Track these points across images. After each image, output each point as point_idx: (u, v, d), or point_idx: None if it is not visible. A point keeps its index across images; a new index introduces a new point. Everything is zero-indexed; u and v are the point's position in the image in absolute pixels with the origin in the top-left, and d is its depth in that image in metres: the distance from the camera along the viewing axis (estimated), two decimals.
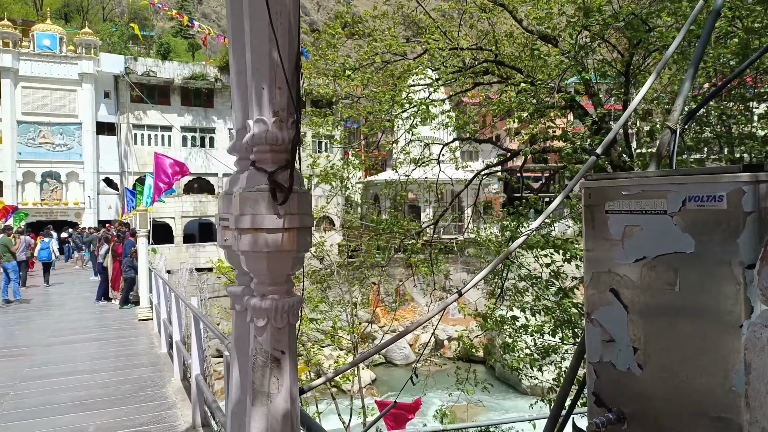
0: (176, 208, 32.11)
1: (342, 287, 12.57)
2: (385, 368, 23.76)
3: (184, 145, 34.71)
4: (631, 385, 1.44)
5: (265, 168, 1.69)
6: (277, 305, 1.70)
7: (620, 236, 1.45)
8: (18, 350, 8.20)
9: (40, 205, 30.80)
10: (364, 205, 32.63)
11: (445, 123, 11.20)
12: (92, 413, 5.34)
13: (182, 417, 5.19)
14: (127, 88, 33.16)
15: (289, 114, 1.71)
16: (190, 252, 30.33)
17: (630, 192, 1.42)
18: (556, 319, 7.85)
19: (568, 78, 10.30)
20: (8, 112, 29.95)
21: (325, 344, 11.50)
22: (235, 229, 1.71)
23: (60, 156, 31.46)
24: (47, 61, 31.30)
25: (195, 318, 5.10)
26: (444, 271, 11.86)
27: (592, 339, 1.55)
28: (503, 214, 13.07)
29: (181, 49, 56.74)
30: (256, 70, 1.69)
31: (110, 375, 6.74)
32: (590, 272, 1.55)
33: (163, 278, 8.53)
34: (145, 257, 10.85)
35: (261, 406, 1.72)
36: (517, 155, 11.34)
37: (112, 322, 10.48)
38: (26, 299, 13.26)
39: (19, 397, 5.88)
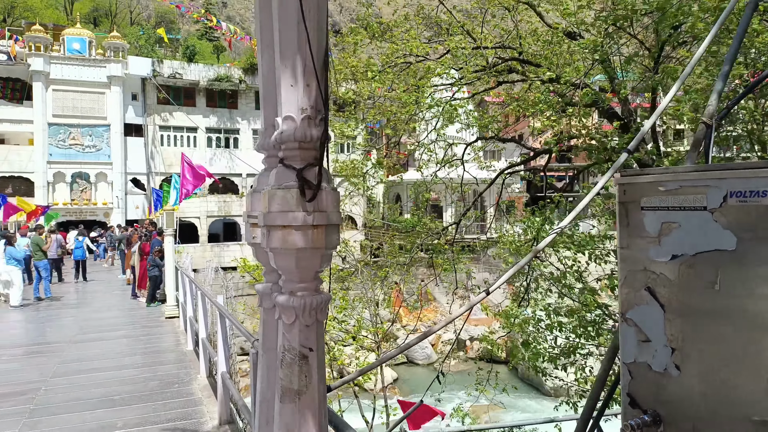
0: (201, 207, 32.56)
1: (365, 286, 12.59)
2: (407, 367, 23.72)
3: (209, 145, 35.19)
4: (667, 386, 1.40)
5: (294, 165, 1.69)
6: (306, 303, 1.70)
7: (657, 233, 1.41)
8: (49, 346, 8.39)
9: (70, 205, 31.52)
10: (386, 205, 32.65)
11: (468, 122, 11.13)
12: (120, 409, 5.43)
13: (208, 414, 5.25)
14: (153, 90, 33.75)
15: (317, 111, 1.71)
16: (215, 251, 30.71)
17: (667, 188, 1.38)
18: (580, 320, 7.74)
19: (593, 75, 10.15)
20: (40, 114, 30.71)
21: (347, 343, 11.52)
22: (264, 226, 1.72)
23: (89, 157, 32.16)
24: (77, 65, 32.02)
25: (221, 316, 5.16)
26: (466, 270, 11.76)
27: (626, 339, 1.52)
28: (527, 214, 12.95)
29: (207, 51, 57.53)
30: (285, 67, 1.69)
31: (138, 372, 6.86)
32: (625, 271, 1.52)
33: (189, 276, 8.64)
34: (171, 256, 11.01)
35: (289, 403, 1.72)
36: (541, 154, 11.21)
37: (139, 320, 10.67)
38: (57, 297, 13.58)
39: (50, 393, 6.02)
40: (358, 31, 10.24)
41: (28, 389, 6.10)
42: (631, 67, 9.11)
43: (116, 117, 32.60)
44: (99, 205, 32.27)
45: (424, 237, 12.04)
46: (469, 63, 9.44)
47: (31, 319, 11.06)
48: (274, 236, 1.68)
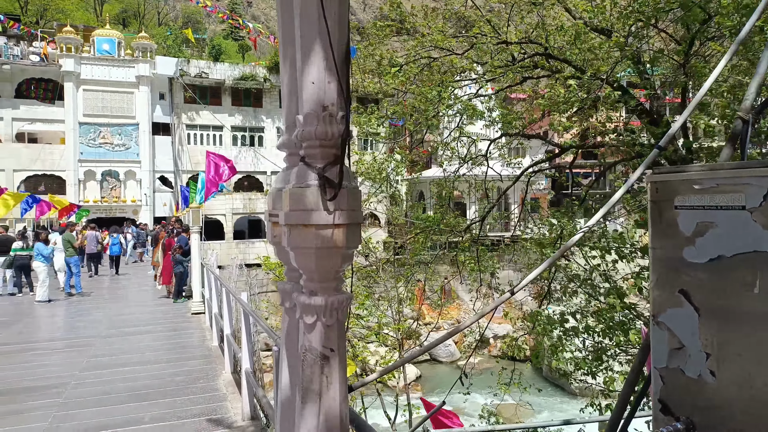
0: (227, 205, 32.96)
1: (387, 284, 12.58)
2: (430, 365, 23.66)
3: (234, 144, 35.59)
4: (701, 392, 1.35)
5: (315, 164, 1.67)
6: (327, 302, 1.68)
7: (691, 233, 1.35)
8: (79, 341, 8.58)
9: (101, 202, 32.25)
10: (408, 203, 32.57)
11: (491, 119, 11.01)
12: (147, 403, 5.52)
13: (233, 409, 5.29)
14: (180, 90, 34.27)
15: (338, 108, 1.68)
16: (240, 248, 31.07)
17: (703, 186, 1.32)
18: (608, 322, 7.58)
19: (621, 70, 9.93)
20: (71, 114, 31.46)
21: (370, 341, 11.53)
22: (285, 225, 1.70)
23: (119, 155, 32.84)
24: (106, 65, 32.70)
25: (245, 313, 5.19)
26: (490, 268, 11.65)
27: (658, 343, 1.46)
28: (551, 213, 12.75)
29: (232, 50, 58.19)
30: (306, 64, 1.67)
31: (164, 367, 6.96)
32: (657, 272, 1.46)
33: (214, 273, 8.74)
34: (197, 252, 11.16)
35: (310, 404, 1.70)
36: (566, 151, 11.03)
37: (166, 316, 10.84)
38: (87, 292, 13.89)
39: (80, 386, 6.15)
40: (383, 24, 10.20)
41: (59, 383, 6.24)
42: (660, 61, 8.90)
43: (144, 116, 33.21)
44: (128, 202, 32.94)
45: (448, 235, 11.97)
46: (494, 58, 9.33)
47: (62, 314, 11.33)
48: (295, 235, 1.66)
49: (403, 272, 13.12)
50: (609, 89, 8.09)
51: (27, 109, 31.10)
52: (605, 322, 7.52)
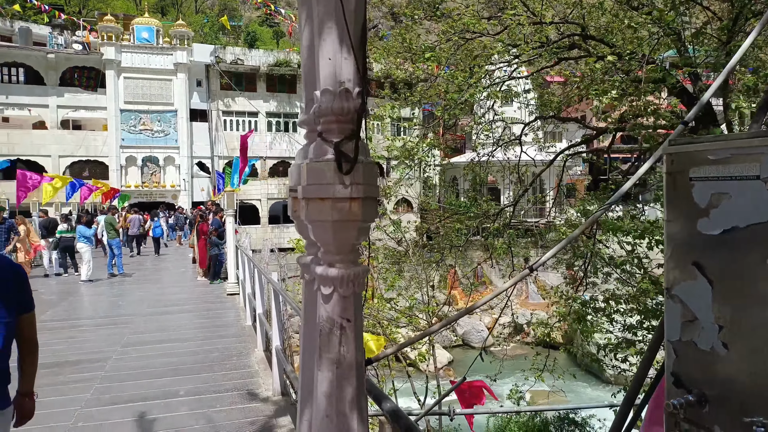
0: (262, 190, 33.51)
1: (418, 268, 12.61)
2: (463, 350, 23.68)
3: (269, 130, 36.02)
4: (714, 365, 1.34)
5: (331, 138, 1.71)
6: (343, 274, 1.72)
7: (706, 205, 1.33)
8: (120, 319, 8.94)
9: (141, 187, 33.20)
10: (442, 188, 32.39)
11: (526, 101, 10.82)
12: (183, 378, 5.74)
13: (264, 385, 5.45)
14: (217, 77, 34.80)
15: (355, 84, 1.71)
16: (275, 232, 31.59)
17: (717, 156, 1.30)
18: (641, 308, 7.45)
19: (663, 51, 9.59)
20: (112, 101, 32.37)
21: (401, 324, 11.62)
22: (303, 198, 1.75)
23: (158, 142, 33.68)
24: (146, 53, 33.44)
25: (275, 293, 5.32)
26: (523, 254, 11.55)
27: (671, 316, 1.45)
28: (587, 197, 12.49)
29: (267, 37, 58.61)
30: (323, 40, 1.70)
31: (200, 344, 7.20)
32: (671, 245, 1.44)
33: (247, 255, 8.94)
34: (232, 235, 11.42)
35: (327, 372, 1.76)
36: (604, 134, 10.76)
37: (203, 296, 11.17)
38: (128, 273, 14.40)
39: (121, 361, 6.42)
40: (416, 6, 10.11)
41: (101, 357, 6.54)
42: (703, 40, 8.56)
43: (182, 103, 33.90)
44: (167, 187, 33.81)
45: (480, 219, 11.89)
46: (528, 40, 9.14)
47: (105, 294, 11.80)
48: (312, 209, 1.71)
49: (434, 257, 13.13)
50: (649, 68, 7.85)
51: (71, 96, 32.13)
52: (639, 308, 7.39)
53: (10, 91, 30.92)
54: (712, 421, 1.33)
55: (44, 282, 13.41)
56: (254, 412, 4.81)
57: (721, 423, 1.31)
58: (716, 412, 1.33)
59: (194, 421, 4.61)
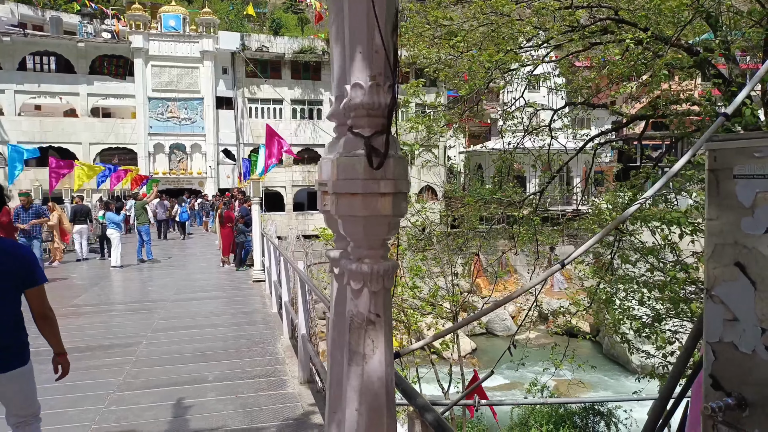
0: (287, 177, 33.76)
1: (442, 256, 12.58)
2: (486, 338, 23.64)
3: (293, 117, 36.15)
4: (755, 368, 1.30)
5: (362, 133, 1.69)
6: (373, 269, 1.72)
7: (750, 204, 1.29)
8: (150, 304, 9.14)
9: (169, 174, 33.73)
10: (466, 176, 32.15)
11: (555, 87, 10.61)
12: (211, 363, 5.85)
13: (290, 372, 5.53)
14: (242, 64, 34.98)
15: (385, 78, 1.69)
16: (299, 219, 31.84)
17: (763, 153, 1.25)
18: (672, 296, 7.31)
19: (698, 34, 9.28)
20: (141, 89, 32.84)
21: (425, 312, 11.64)
22: (333, 193, 1.74)
23: (185, 129, 34.11)
24: (173, 41, 33.77)
25: (301, 281, 5.37)
26: (549, 242, 11.41)
27: (711, 317, 1.41)
28: (617, 186, 12.25)
29: (291, 24, 58.59)
30: (353, 34, 1.68)
31: (228, 330, 7.33)
32: (712, 244, 1.40)
33: (273, 243, 9.03)
34: (258, 223, 11.54)
35: (356, 366, 1.76)
36: (635, 121, 10.51)
37: (230, 283, 11.35)
38: (157, 260, 14.69)
39: (151, 346, 6.58)
40: None
41: (132, 342, 6.71)
42: (742, 22, 8.26)
43: (208, 90, 34.20)
44: (194, 174, 34.28)
45: (504, 207, 11.77)
46: (558, 23, 8.95)
47: (135, 279, 12.08)
48: (343, 204, 1.71)
49: (457, 242, 13.07)
50: (681, 53, 7.62)
51: (100, 84, 32.69)
52: (669, 294, 7.26)
53: (42, 79, 31.59)
54: (752, 425, 1.30)
55: (76, 267, 13.78)
56: (281, 398, 4.89)
57: (762, 427, 1.28)
58: (757, 417, 1.29)
59: (223, 406, 4.71)
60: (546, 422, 10.64)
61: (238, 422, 4.39)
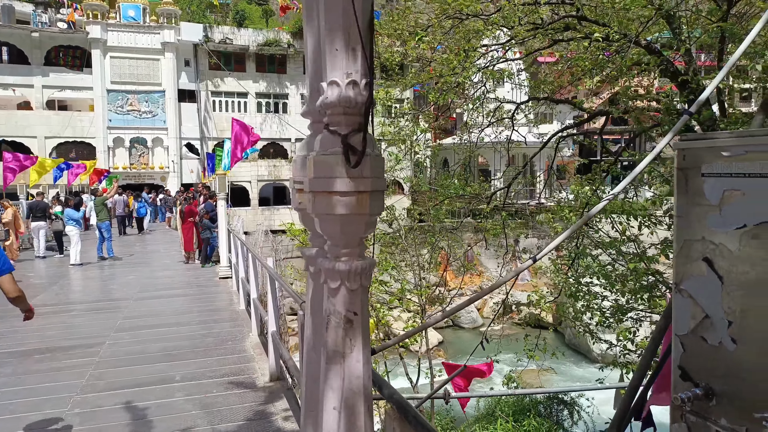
0: (252, 172, 33.28)
1: (410, 250, 12.65)
2: (452, 331, 23.92)
3: (258, 111, 35.63)
4: (722, 359, 1.35)
5: (339, 131, 1.68)
6: (351, 267, 1.72)
7: (717, 201, 1.34)
8: (113, 303, 8.91)
9: (129, 169, 32.82)
10: (432, 170, 32.36)
11: (519, 83, 10.76)
12: (178, 363, 5.75)
13: (260, 370, 5.47)
14: (205, 56, 34.24)
15: (362, 76, 1.68)
16: (265, 215, 31.47)
17: (731, 153, 1.30)
18: (633, 286, 7.55)
19: (655, 32, 9.56)
20: (99, 81, 31.80)
21: (393, 306, 11.69)
22: (310, 192, 1.73)
23: (146, 122, 33.22)
24: (132, 32, 32.80)
25: (271, 278, 5.31)
26: (515, 236, 11.62)
27: (680, 310, 1.46)
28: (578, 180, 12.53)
29: (255, 15, 57.58)
30: (330, 31, 1.66)
31: (194, 328, 7.20)
32: (681, 240, 1.45)
33: (240, 239, 8.91)
34: (223, 218, 11.36)
35: (334, 365, 1.76)
36: (595, 116, 10.77)
37: (195, 280, 11.14)
38: (118, 257, 14.30)
39: (115, 346, 6.42)
40: None
41: (94, 342, 6.52)
42: (697, 22, 8.54)
43: (170, 83, 33.38)
44: (156, 169, 33.46)
45: (472, 202, 11.92)
46: (522, 21, 9.07)
47: (96, 277, 11.73)
48: (319, 202, 1.69)
49: (426, 239, 13.17)
50: (641, 51, 7.83)
51: (56, 76, 31.52)
52: (630, 285, 7.49)
53: None
54: (719, 414, 1.36)
55: (33, 265, 13.30)
56: (251, 397, 4.84)
57: (728, 416, 1.33)
58: (724, 406, 1.35)
59: (191, 406, 4.63)
60: (512, 412, 10.85)
61: (207, 422, 4.33)
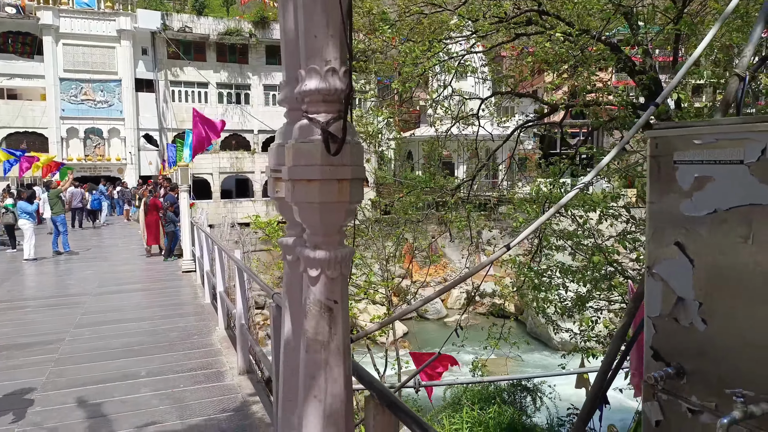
0: (214, 164, 32.64)
1: (375, 243, 12.68)
2: (417, 322, 24.11)
3: (220, 101, 34.93)
4: (692, 340, 1.42)
5: (318, 119, 1.67)
6: (330, 256, 1.71)
7: (689, 188, 1.39)
8: (71, 299, 8.62)
9: (84, 161, 31.71)
10: (397, 162, 32.46)
11: (482, 77, 10.89)
12: (143, 358, 5.61)
13: (228, 363, 5.40)
14: (163, 45, 33.30)
15: (342, 63, 1.67)
16: (228, 207, 30.96)
17: (703, 141, 1.35)
18: (592, 274, 7.79)
19: (613, 27, 9.81)
20: (51, 69, 30.55)
21: (359, 298, 11.71)
22: (289, 180, 1.71)
23: (101, 113, 32.13)
24: (86, 18, 31.61)
25: (239, 270, 5.24)
26: (478, 228, 11.79)
27: (652, 293, 1.52)
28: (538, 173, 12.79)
29: (216, 4, 56.32)
30: (308, 18, 1.65)
31: (158, 323, 7.04)
32: (653, 225, 1.51)
33: (205, 232, 8.75)
34: (186, 211, 11.12)
35: (314, 354, 1.76)
36: (556, 110, 11.00)
37: (157, 274, 10.88)
38: (75, 251, 13.83)
39: (75, 343, 6.22)
40: None
41: (53, 339, 6.31)
42: (655, 18, 8.81)
43: (127, 72, 32.36)
44: (112, 161, 32.46)
45: (437, 194, 12.03)
46: (486, 14, 9.17)
47: (51, 273, 11.32)
48: (299, 190, 1.68)
49: (391, 231, 13.22)
50: (601, 46, 8.03)
51: (5, 63, 30.13)
52: (590, 277, 7.72)
53: None
54: (689, 392, 1.42)
55: None
56: (220, 390, 4.77)
57: (698, 394, 1.39)
58: (694, 384, 1.41)
59: (158, 402, 4.54)
60: (477, 400, 11.05)
61: (175, 416, 4.25)
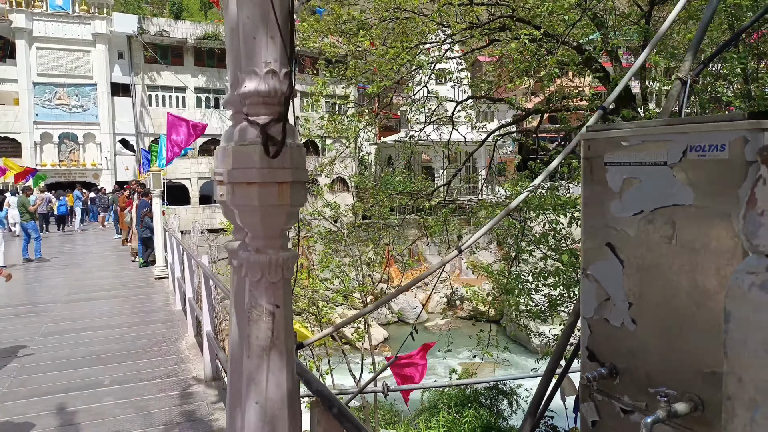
0: (192, 169, 32.30)
1: (354, 248, 12.65)
2: (398, 327, 24.12)
3: (198, 106, 34.60)
4: (624, 339, 1.43)
5: (258, 121, 1.66)
6: (271, 259, 1.70)
7: (618, 189, 1.40)
8: (38, 306, 8.44)
9: (59, 166, 31.13)
10: (377, 167, 32.51)
11: (458, 81, 10.97)
12: (108, 367, 5.51)
13: (195, 371, 5.33)
14: (140, 49, 32.91)
15: (281, 65, 1.66)
16: (206, 213, 30.66)
17: (630, 143, 1.37)
18: (565, 280, 7.86)
19: (586, 35, 9.97)
20: (24, 73, 29.97)
21: (337, 303, 11.67)
22: (228, 183, 1.69)
23: (76, 117, 31.58)
24: (60, 21, 31.09)
25: (205, 276, 5.18)
26: (456, 231, 11.85)
27: (586, 294, 1.53)
28: (517, 177, 12.91)
29: (194, 7, 55.98)
30: (247, 18, 1.64)
31: (126, 331, 6.92)
32: (587, 226, 1.52)
33: (176, 238, 8.64)
34: (159, 217, 10.97)
35: (257, 359, 1.73)
36: (531, 115, 11.12)
37: (129, 281, 10.71)
38: (46, 258, 13.55)
39: (39, 351, 6.07)
40: None
41: (16, 347, 6.15)
42: (624, 24, 8.97)
43: (102, 76, 31.88)
44: (88, 166, 31.90)
45: (415, 198, 12.06)
46: (461, 20, 9.24)
47: (20, 280, 11.05)
48: (239, 193, 1.66)
49: (370, 236, 13.21)
50: (570, 51, 8.14)
51: None
52: (562, 280, 7.80)
53: None
54: (622, 391, 1.43)
55: None
56: (185, 398, 4.70)
57: (630, 393, 1.40)
58: (626, 384, 1.42)
59: (121, 410, 4.45)
60: (454, 404, 11.07)
61: (137, 425, 4.17)
